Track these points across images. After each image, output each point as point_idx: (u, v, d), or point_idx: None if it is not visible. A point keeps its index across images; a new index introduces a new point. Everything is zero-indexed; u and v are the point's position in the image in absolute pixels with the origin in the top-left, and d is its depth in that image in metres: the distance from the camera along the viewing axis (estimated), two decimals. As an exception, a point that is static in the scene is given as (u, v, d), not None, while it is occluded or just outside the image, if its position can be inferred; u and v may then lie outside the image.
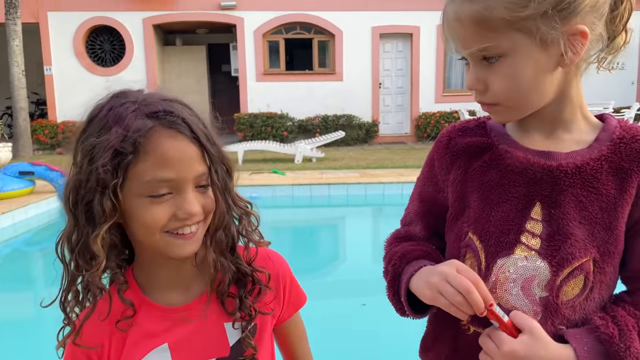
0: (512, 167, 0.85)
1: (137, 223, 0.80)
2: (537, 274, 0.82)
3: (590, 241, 0.81)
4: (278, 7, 12.57)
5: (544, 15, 0.74)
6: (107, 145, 0.76)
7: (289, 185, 7.19)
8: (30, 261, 5.29)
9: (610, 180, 0.82)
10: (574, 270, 0.81)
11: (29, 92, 11.66)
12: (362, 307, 3.36)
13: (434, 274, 0.81)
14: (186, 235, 0.82)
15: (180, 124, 0.79)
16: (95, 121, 0.80)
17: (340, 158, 10.04)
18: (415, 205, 1.01)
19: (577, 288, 0.81)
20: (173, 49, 14.17)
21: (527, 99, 0.81)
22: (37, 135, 11.68)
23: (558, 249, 0.81)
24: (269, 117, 12.39)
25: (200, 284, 0.90)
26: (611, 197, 0.81)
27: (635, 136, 0.83)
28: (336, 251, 5.55)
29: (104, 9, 12.28)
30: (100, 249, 0.79)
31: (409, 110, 13.39)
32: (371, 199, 7.03)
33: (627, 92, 13.20)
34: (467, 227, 0.89)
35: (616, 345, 0.77)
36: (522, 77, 0.78)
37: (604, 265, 0.82)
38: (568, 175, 0.82)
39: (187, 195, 0.80)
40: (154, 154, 0.77)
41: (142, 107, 0.79)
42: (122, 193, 0.77)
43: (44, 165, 6.48)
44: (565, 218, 0.82)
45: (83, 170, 0.78)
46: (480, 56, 0.79)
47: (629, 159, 0.82)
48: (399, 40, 13.17)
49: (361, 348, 2.87)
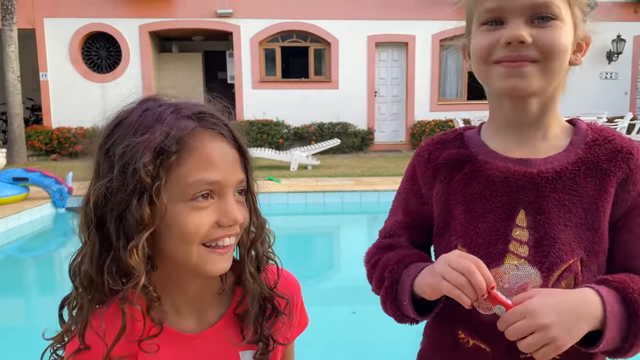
0: (493, 177, 0.86)
1: (174, 232, 0.73)
2: (530, 280, 0.83)
3: (576, 243, 0.82)
4: (274, 15, 12.62)
5: (585, 4, 0.81)
6: (148, 143, 0.69)
7: (284, 192, 7.19)
8: (24, 268, 5.24)
9: (589, 181, 0.84)
10: (564, 273, 0.82)
11: (24, 98, 11.63)
12: (352, 314, 3.36)
13: (438, 262, 0.80)
14: (223, 248, 0.76)
15: (222, 127, 0.76)
16: (126, 124, 0.74)
17: (335, 166, 10.05)
18: (399, 217, 1.00)
19: (569, 288, 0.82)
20: (169, 56, 14.18)
21: (560, 68, 0.82)
22: (31, 141, 11.64)
23: (547, 254, 0.82)
24: (264, 125, 12.40)
25: (217, 309, 0.85)
26: (592, 197, 0.83)
27: (607, 137, 0.87)
28: (330, 259, 5.55)
29: (100, 16, 12.29)
30: (138, 262, 0.70)
31: (404, 118, 13.44)
32: (366, 206, 7.03)
33: (621, 102, 13.30)
34: (455, 240, 0.89)
35: (630, 289, 0.78)
36: (566, 42, 0.80)
37: (591, 264, 0.84)
38: (549, 181, 0.83)
39: (230, 200, 0.75)
40: (199, 154, 0.72)
41: (182, 109, 0.75)
42: (161, 197, 0.70)
43: (38, 171, 6.46)
44: (550, 223, 0.83)
45: (115, 176, 0.70)
46: (532, 14, 0.79)
47: (606, 160, 0.84)
48: (394, 49, 13.24)
49: (353, 356, 2.87)
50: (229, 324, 0.83)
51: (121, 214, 0.70)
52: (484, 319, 0.84)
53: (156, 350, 0.77)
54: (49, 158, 11.57)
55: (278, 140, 12.30)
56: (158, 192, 0.70)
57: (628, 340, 0.78)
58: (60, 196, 6.37)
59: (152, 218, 0.70)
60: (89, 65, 12.69)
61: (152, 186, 0.69)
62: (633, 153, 0.84)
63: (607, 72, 13.41)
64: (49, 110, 12.39)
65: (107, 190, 0.71)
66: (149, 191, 0.69)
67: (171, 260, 0.77)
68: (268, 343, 0.83)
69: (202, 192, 0.73)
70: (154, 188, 0.69)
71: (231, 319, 0.84)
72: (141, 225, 0.70)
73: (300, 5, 12.64)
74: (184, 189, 0.72)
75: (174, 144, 0.70)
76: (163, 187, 0.70)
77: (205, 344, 0.82)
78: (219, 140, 0.75)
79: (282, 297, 0.86)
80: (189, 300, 0.83)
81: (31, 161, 11.07)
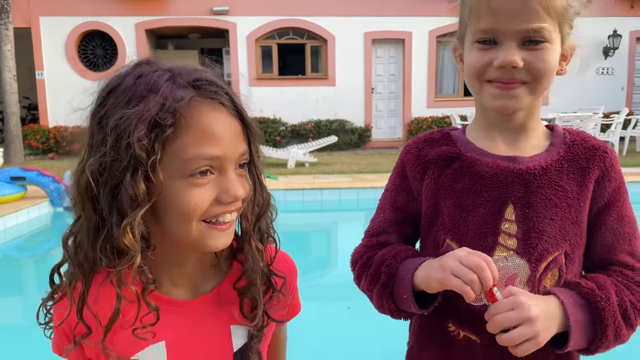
0: (482, 173, 0.89)
1: (173, 209, 0.69)
2: (518, 271, 0.87)
3: (561, 236, 0.87)
4: (270, 13, 12.60)
5: (572, 18, 0.85)
6: (142, 115, 0.65)
7: (282, 190, 7.19)
8: (22, 267, 5.26)
9: (571, 178, 0.89)
10: (550, 264, 0.87)
11: (20, 97, 11.61)
12: (347, 309, 3.39)
13: (447, 257, 0.82)
14: (224, 225, 0.73)
15: (222, 95, 0.71)
16: (119, 92, 0.69)
17: (333, 163, 10.06)
18: (387, 215, 1.01)
19: (554, 280, 0.88)
20: (165, 54, 14.15)
21: (546, 87, 0.87)
22: (28, 140, 11.62)
23: (535, 246, 0.86)
24: (261, 122, 12.39)
25: (211, 281, 0.82)
26: (575, 193, 0.89)
27: (585, 138, 0.93)
28: (328, 255, 5.56)
29: (96, 14, 12.25)
30: (133, 241, 0.66)
31: (402, 115, 13.45)
32: (363, 203, 7.04)
33: (617, 97, 13.34)
34: (443, 234, 0.91)
35: (597, 296, 0.83)
36: (553, 64, 0.85)
37: (574, 256, 0.89)
38: (536, 177, 0.88)
39: (231, 175, 0.71)
40: (197, 128, 0.67)
41: (179, 75, 0.69)
42: (156, 173, 0.66)
43: (35, 170, 6.45)
44: (537, 217, 0.87)
45: (109, 149, 0.66)
46: (524, 37, 0.82)
47: (585, 158, 0.90)
48: (391, 45, 13.23)
49: (349, 350, 2.89)
50: (222, 295, 0.81)
51: (114, 189, 0.67)
52: (472, 310, 0.87)
53: (152, 337, 0.74)
54: (46, 157, 11.55)
55: (275, 137, 12.30)
56: (154, 167, 0.66)
57: (594, 343, 0.83)
58: (57, 195, 6.36)
59: (148, 194, 0.67)
60: (85, 63, 12.65)
61: (147, 161, 0.65)
62: (607, 152, 0.92)
63: (604, 67, 13.43)
64: (46, 109, 12.36)
65: (100, 166, 0.67)
66: (144, 167, 0.65)
67: (169, 238, 0.74)
68: (263, 319, 0.81)
69: (201, 168, 0.69)
70: (149, 163, 0.65)
71: (225, 291, 0.81)
72: (135, 202, 0.66)
73: (297, 2, 12.62)
74: (181, 165, 0.68)
75: (170, 117, 0.66)
76: (159, 163, 0.66)
77: (196, 313, 0.79)
78: (219, 110, 0.70)
79: (278, 275, 0.84)
80: (184, 273, 0.80)
81: (28, 160, 11.05)
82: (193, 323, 0.79)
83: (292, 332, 1.06)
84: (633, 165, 8.83)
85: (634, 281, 0.87)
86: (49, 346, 0.85)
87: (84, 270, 0.72)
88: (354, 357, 2.85)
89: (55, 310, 0.78)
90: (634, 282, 0.87)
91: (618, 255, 0.90)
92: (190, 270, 0.80)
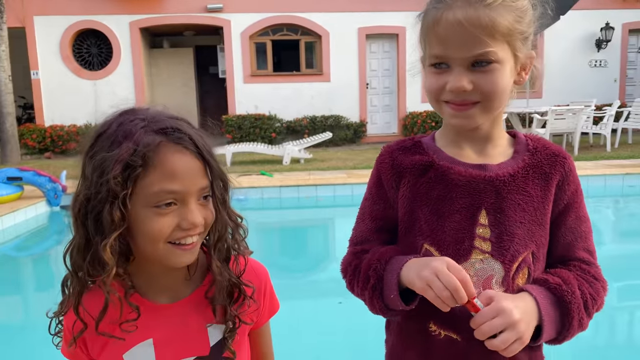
0: (456, 181, 0.96)
1: (142, 233, 0.84)
2: (494, 273, 0.93)
3: (529, 237, 0.95)
4: (264, 9, 12.62)
5: (524, 34, 0.90)
6: (117, 158, 0.81)
7: (277, 187, 7.26)
8: (20, 267, 5.31)
9: (536, 184, 0.97)
10: (520, 264, 0.94)
11: (15, 97, 11.62)
12: (339, 304, 3.46)
13: (426, 267, 0.86)
14: (187, 245, 0.87)
15: (186, 141, 0.85)
16: (105, 137, 0.85)
17: (328, 159, 10.11)
18: (367, 224, 1.06)
19: (524, 278, 0.95)
20: (160, 52, 14.17)
21: (500, 104, 0.93)
22: (24, 140, 11.64)
23: (507, 248, 0.94)
24: (257, 119, 12.44)
25: (188, 287, 0.96)
26: (539, 197, 0.96)
27: (545, 145, 1.01)
28: (324, 251, 5.63)
29: (90, 13, 12.26)
30: (111, 256, 0.82)
31: (396, 110, 13.51)
32: (358, 199, 7.04)
33: (610, 89, 13.40)
34: (421, 240, 0.97)
35: (564, 291, 0.92)
36: (503, 83, 0.90)
37: (539, 255, 0.97)
38: (506, 184, 0.95)
39: (191, 206, 0.85)
40: (162, 167, 0.82)
41: (151, 123, 0.85)
42: (130, 204, 0.82)
43: (32, 170, 6.50)
44: (509, 221, 0.94)
45: (93, 183, 0.82)
46: (472, 61, 0.88)
47: (548, 164, 0.98)
48: (385, 40, 13.27)
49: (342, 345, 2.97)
50: (199, 299, 0.95)
51: (98, 215, 0.83)
52: (454, 310, 0.90)
53: (135, 329, 0.90)
54: (43, 156, 11.59)
55: (271, 134, 12.34)
56: (125, 199, 0.81)
57: (562, 334, 0.93)
58: (54, 194, 6.42)
59: (122, 220, 0.82)
60: (80, 62, 12.67)
61: (121, 194, 0.81)
62: (566, 158, 1.00)
63: (596, 59, 13.49)
64: (41, 108, 12.38)
65: (88, 195, 0.83)
66: (118, 198, 0.81)
67: (144, 254, 0.89)
68: (234, 321, 0.95)
69: (165, 200, 0.84)
70: (122, 196, 0.81)
71: (201, 296, 0.95)
72: (113, 226, 0.82)
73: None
74: (148, 197, 0.83)
75: (140, 159, 0.81)
76: (130, 196, 0.82)
77: (178, 314, 0.94)
78: (182, 153, 0.85)
79: (247, 285, 0.97)
80: (164, 283, 0.95)
81: (25, 160, 11.08)
82: (175, 323, 0.94)
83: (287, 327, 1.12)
84: (625, 158, 8.91)
85: (590, 274, 0.97)
86: (46, 346, 0.97)
87: (79, 279, 0.88)
88: (349, 350, 2.92)
89: (65, 319, 0.94)
90: (590, 275, 0.97)
91: (576, 252, 0.99)
92: (169, 281, 0.95)
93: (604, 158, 8.95)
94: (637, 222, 6.45)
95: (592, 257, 1.00)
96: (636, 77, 14.03)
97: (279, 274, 4.88)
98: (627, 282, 4.00)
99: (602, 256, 1.05)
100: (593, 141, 10.89)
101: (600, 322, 3.38)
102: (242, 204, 7.07)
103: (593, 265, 0.99)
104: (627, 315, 3.59)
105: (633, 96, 13.11)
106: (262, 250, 5.69)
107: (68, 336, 0.92)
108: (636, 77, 14.03)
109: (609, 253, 4.61)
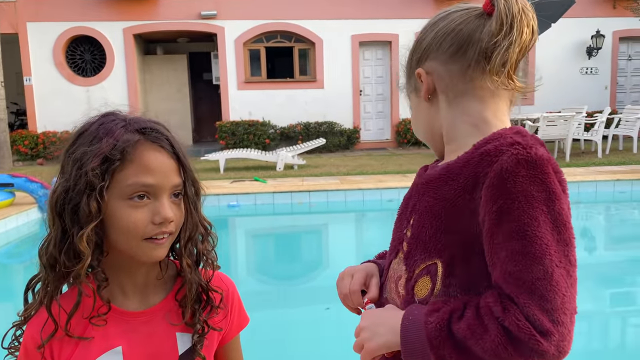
0: (416, 183, 0.97)
1: (117, 227, 0.87)
2: (401, 274, 0.91)
3: (434, 245, 0.84)
4: (258, 16, 12.67)
5: (410, 61, 0.99)
6: (97, 152, 0.85)
7: (270, 193, 7.26)
8: (11, 273, 5.28)
9: (456, 187, 0.82)
10: (421, 272, 0.86)
11: (8, 103, 11.58)
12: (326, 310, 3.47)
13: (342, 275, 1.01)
14: (159, 240, 0.89)
15: (163, 140, 0.90)
16: (86, 134, 0.89)
17: (321, 165, 10.14)
18: None
19: (425, 289, 0.84)
20: (154, 58, 14.18)
21: (424, 135, 0.98)
22: (17, 146, 11.60)
23: (412, 253, 0.89)
24: (251, 125, 12.45)
25: (158, 294, 0.98)
26: (460, 204, 0.81)
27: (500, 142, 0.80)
28: (317, 257, 5.63)
29: (84, 19, 12.26)
30: (87, 246, 0.85)
31: (390, 116, 13.57)
32: (351, 205, 7.13)
33: (601, 96, 13.53)
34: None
35: (428, 322, 0.78)
36: (416, 115, 0.97)
37: (454, 269, 0.82)
38: (423, 186, 0.90)
39: (163, 201, 0.89)
40: (138, 162, 0.86)
41: (131, 123, 0.90)
42: (106, 196, 0.85)
43: (23, 176, 6.47)
44: (419, 225, 0.88)
45: (72, 176, 0.86)
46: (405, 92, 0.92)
47: (477, 163, 0.81)
48: (378, 48, 13.35)
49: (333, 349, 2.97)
50: (169, 307, 0.97)
51: (75, 207, 0.86)
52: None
53: (104, 324, 0.91)
54: (35, 162, 11.53)
55: (264, 140, 12.35)
56: (101, 191, 0.84)
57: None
58: (46, 201, 6.38)
59: (99, 211, 0.85)
60: (74, 69, 12.65)
61: (97, 186, 0.84)
62: (499, 155, 0.78)
63: (587, 67, 13.63)
64: (34, 114, 12.34)
65: (66, 187, 0.86)
66: (95, 190, 0.84)
67: (117, 248, 0.91)
68: (203, 327, 0.97)
69: (138, 193, 0.87)
70: (99, 187, 0.84)
71: (171, 303, 0.98)
72: (89, 217, 0.85)
73: (284, 5, 12.70)
74: (123, 190, 0.87)
75: (118, 154, 0.85)
76: (107, 188, 0.85)
77: (147, 322, 0.96)
78: (159, 151, 0.90)
79: (215, 290, 1.00)
80: (135, 284, 0.96)
81: (17, 166, 11.03)
82: (145, 331, 0.95)
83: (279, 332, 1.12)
84: (616, 164, 8.99)
85: (488, 310, 0.75)
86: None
87: (54, 273, 0.90)
88: (341, 356, 2.92)
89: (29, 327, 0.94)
90: (486, 310, 0.75)
91: (494, 277, 0.78)
92: (139, 282, 0.96)
93: (595, 164, 9.02)
94: (628, 228, 6.49)
95: (512, 287, 0.74)
96: (627, 85, 14.17)
97: (271, 280, 4.88)
98: (617, 289, 4.03)
99: (593, 262, 1.01)
100: (584, 148, 10.97)
101: (592, 328, 3.40)
102: (235, 210, 7.07)
103: (504, 300, 0.74)
104: (619, 321, 3.61)
105: (624, 103, 13.25)
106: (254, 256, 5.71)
107: (30, 346, 0.92)
108: (627, 85, 14.17)
109: (600, 259, 4.62)
